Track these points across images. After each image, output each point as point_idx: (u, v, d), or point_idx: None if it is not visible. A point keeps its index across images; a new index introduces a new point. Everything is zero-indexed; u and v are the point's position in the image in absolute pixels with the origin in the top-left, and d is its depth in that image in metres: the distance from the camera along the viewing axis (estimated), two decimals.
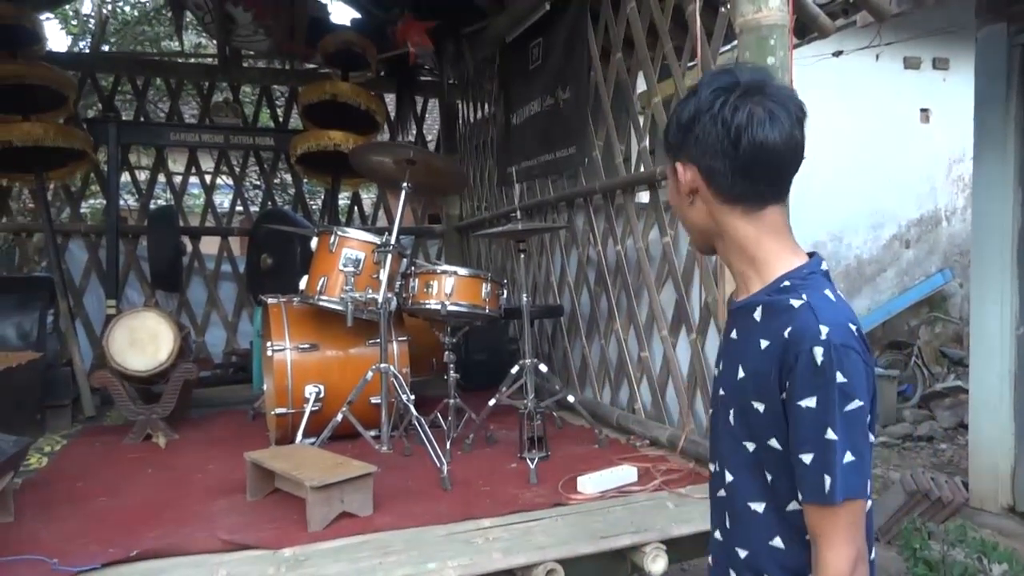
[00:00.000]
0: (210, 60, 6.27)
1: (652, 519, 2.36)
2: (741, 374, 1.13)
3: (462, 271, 3.30)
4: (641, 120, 3.57)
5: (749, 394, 1.11)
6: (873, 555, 1.13)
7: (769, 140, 1.07)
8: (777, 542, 1.12)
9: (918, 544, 3.19)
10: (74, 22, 8.10)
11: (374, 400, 3.26)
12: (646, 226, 3.46)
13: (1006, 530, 3.90)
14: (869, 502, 1.08)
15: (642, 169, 3.43)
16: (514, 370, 3.28)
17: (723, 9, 2.86)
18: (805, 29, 3.97)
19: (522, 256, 3.34)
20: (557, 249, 4.37)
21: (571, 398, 3.40)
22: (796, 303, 1.06)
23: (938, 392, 6.39)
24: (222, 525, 2.41)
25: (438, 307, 3.22)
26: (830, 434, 1.00)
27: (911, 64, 7.94)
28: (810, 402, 1.01)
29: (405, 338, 3.59)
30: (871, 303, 7.70)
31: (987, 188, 4.11)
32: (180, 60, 6.84)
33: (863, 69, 7.29)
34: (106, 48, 6.98)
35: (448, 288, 3.23)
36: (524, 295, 3.25)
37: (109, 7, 8.07)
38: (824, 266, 1.14)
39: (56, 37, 8.91)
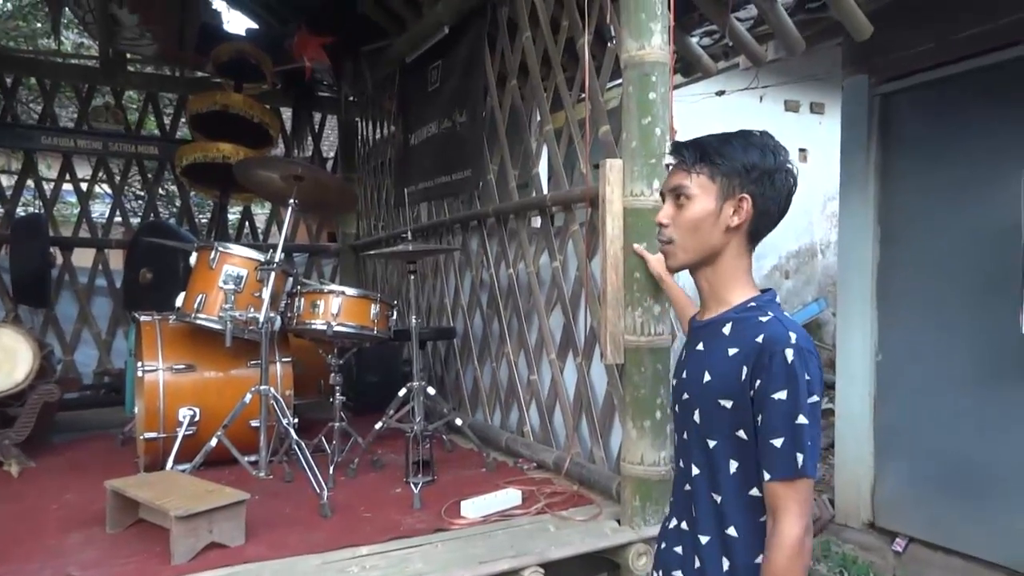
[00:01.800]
0: (91, 62, 5.92)
1: (532, 543, 2.36)
2: (708, 378, 1.33)
3: (350, 291, 3.24)
4: (534, 147, 3.64)
5: (716, 394, 1.30)
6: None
7: (793, 196, 1.37)
8: (731, 531, 1.31)
9: None
10: None
11: (254, 423, 3.13)
12: (537, 250, 3.51)
13: (866, 544, 4.17)
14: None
15: (534, 194, 3.49)
16: (402, 392, 3.24)
17: (610, 44, 2.96)
18: (690, 68, 4.20)
19: (412, 277, 3.31)
20: (451, 271, 4.36)
21: (459, 421, 3.38)
22: (764, 319, 1.28)
23: None
24: (75, 561, 2.24)
25: (324, 327, 3.14)
26: (800, 420, 1.20)
27: (791, 107, 8.50)
28: (781, 394, 1.21)
29: (289, 359, 3.48)
30: None
31: (851, 225, 4.43)
32: (58, 60, 6.42)
33: (748, 109, 7.72)
34: None
35: (335, 308, 3.15)
36: (412, 316, 3.22)
37: None
38: (778, 299, 1.38)
39: None
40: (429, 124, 4.64)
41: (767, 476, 1.23)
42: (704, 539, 1.34)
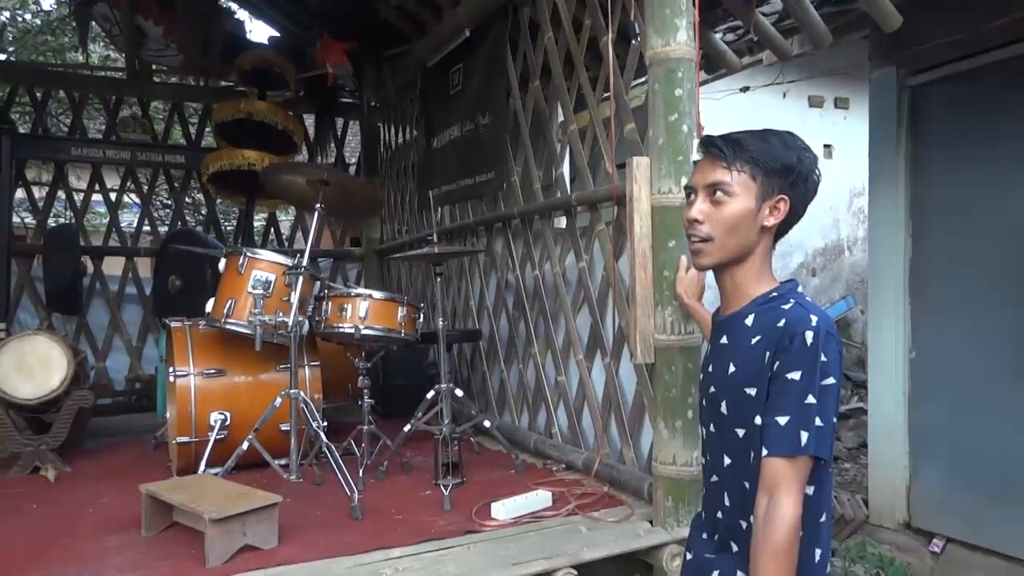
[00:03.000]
0: (118, 74, 6.02)
1: (564, 544, 2.35)
2: (732, 369, 1.34)
3: (377, 294, 3.25)
4: (558, 147, 3.62)
5: (741, 383, 1.31)
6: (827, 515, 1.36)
7: None
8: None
9: None
10: None
11: (284, 427, 3.15)
12: (563, 251, 3.50)
13: (902, 545, 4.08)
14: (832, 468, 1.32)
15: (559, 195, 3.47)
16: (430, 395, 3.24)
17: (634, 42, 2.94)
18: (714, 64, 4.16)
19: (439, 280, 3.31)
20: (476, 273, 4.36)
21: (487, 423, 3.38)
22: (786, 306, 1.30)
23: (842, 413, 6.68)
24: (112, 564, 2.26)
25: (352, 331, 3.15)
26: (809, 399, 1.21)
27: (815, 102, 8.40)
28: (795, 375, 1.22)
29: (317, 363, 3.50)
30: None
31: (881, 220, 4.35)
32: (86, 72, 6.54)
33: (772, 105, 7.65)
34: (2, 57, 6.59)
35: (363, 311, 3.16)
36: (440, 319, 3.22)
37: (7, 14, 7.66)
38: (800, 289, 1.37)
39: None
40: (452, 127, 4.65)
41: (765, 452, 1.23)
42: (744, 524, 1.35)
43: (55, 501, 3.00)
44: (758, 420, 1.28)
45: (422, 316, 3.43)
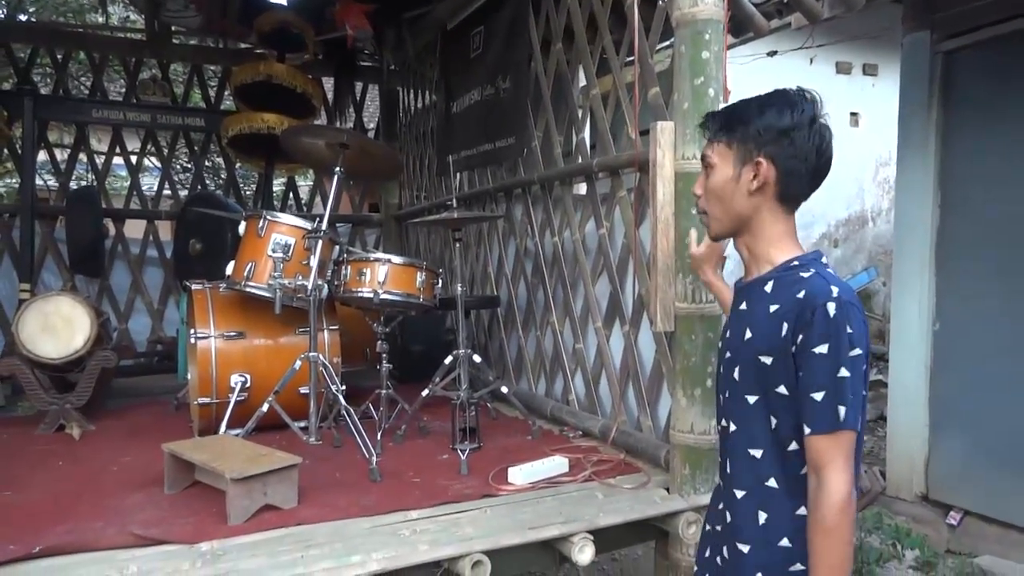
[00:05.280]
0: (138, 35, 5.99)
1: (581, 509, 2.36)
2: (749, 335, 1.33)
3: (396, 259, 3.24)
4: (580, 112, 3.57)
5: (756, 351, 1.30)
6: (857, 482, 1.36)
7: (831, 157, 1.34)
8: (772, 483, 1.31)
9: None
10: None
11: (303, 390, 3.17)
12: (583, 218, 3.46)
13: (919, 517, 4.08)
14: (864, 437, 1.30)
15: (580, 161, 3.43)
16: (448, 360, 3.24)
17: (661, 3, 2.87)
18: (741, 27, 4.03)
19: (458, 245, 3.29)
20: (495, 240, 4.34)
21: (504, 389, 3.38)
22: (806, 275, 1.27)
23: None
24: (136, 519, 2.30)
25: (371, 295, 3.15)
26: (843, 372, 1.19)
27: (843, 69, 8.19)
28: (823, 348, 1.20)
29: (336, 327, 3.51)
30: None
31: (909, 189, 4.27)
32: (105, 34, 6.51)
33: (798, 71, 7.46)
34: (23, 17, 6.58)
35: (381, 276, 3.16)
36: (459, 285, 3.21)
37: None
38: (824, 259, 1.35)
39: None
40: (472, 91, 4.59)
41: (808, 431, 1.22)
42: (740, 494, 1.35)
43: (80, 458, 3.06)
44: (781, 388, 1.26)
45: (441, 282, 3.43)
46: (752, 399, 1.32)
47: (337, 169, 3.19)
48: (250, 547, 2.08)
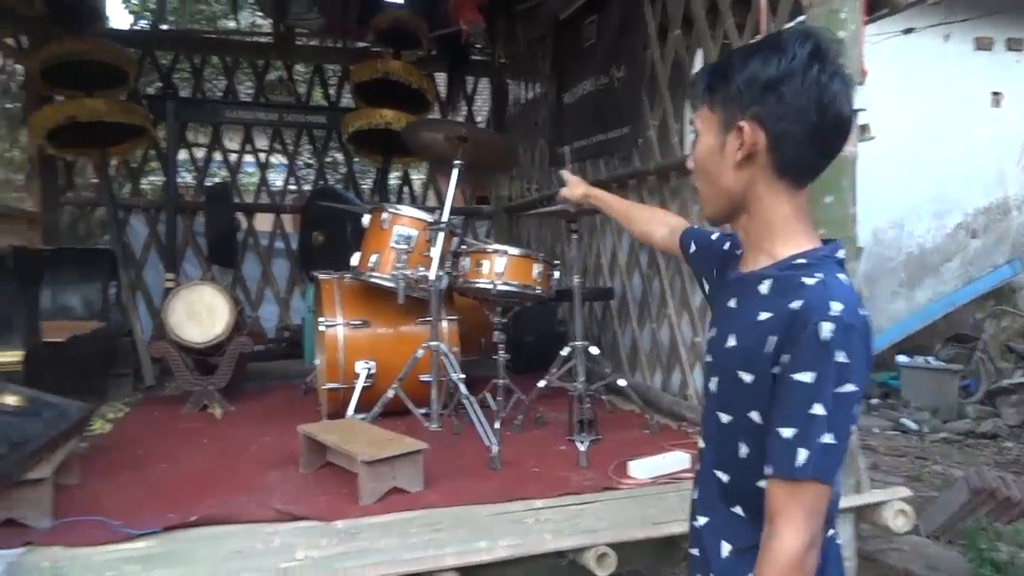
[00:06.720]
0: (265, 39, 6.33)
1: None
2: (731, 343, 1.08)
3: (514, 250, 3.28)
4: None
5: (736, 364, 1.06)
6: (839, 539, 1.15)
7: (844, 114, 1.03)
8: (737, 510, 1.10)
9: (985, 544, 3.07)
10: (135, 0, 8.28)
11: (424, 378, 3.27)
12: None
13: None
14: (836, 490, 1.05)
15: None
16: (565, 352, 3.25)
17: None
18: (876, 3, 3.81)
19: (574, 237, 3.29)
20: (608, 231, 4.30)
21: (622, 382, 3.36)
22: (809, 280, 1.01)
23: (1004, 388, 6.12)
24: (276, 496, 2.45)
25: (489, 286, 3.20)
26: (817, 409, 0.95)
27: (983, 45, 7.56)
28: (805, 376, 0.96)
29: (455, 317, 3.59)
30: (933, 294, 7.42)
31: None
32: (236, 38, 6.93)
33: (931, 50, 6.98)
34: (165, 27, 7.09)
35: (500, 267, 3.20)
36: (575, 276, 3.20)
37: None
38: (841, 254, 1.08)
39: (117, 15, 9.12)
40: (584, 81, 4.56)
41: (768, 470, 0.99)
42: (702, 520, 1.14)
43: (222, 437, 3.29)
44: (754, 415, 1.04)
45: (557, 273, 3.43)
46: (726, 418, 1.09)
47: (457, 162, 3.25)
48: (382, 527, 2.17)
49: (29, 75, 4.81)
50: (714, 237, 1.33)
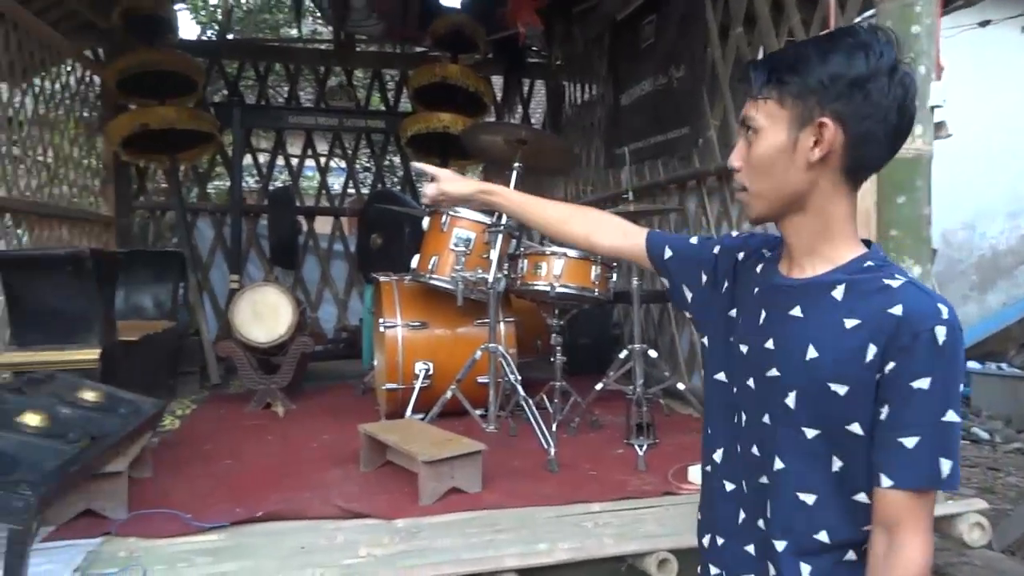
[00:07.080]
0: (325, 46, 6.48)
1: None
2: (814, 354, 1.02)
3: (572, 252, 3.26)
4: None
5: (826, 376, 1.01)
6: None
7: (915, 116, 1.02)
8: (823, 536, 1.04)
9: None
10: (203, 11, 8.58)
11: (481, 379, 3.29)
12: None
13: None
14: None
15: None
16: (622, 355, 3.22)
17: None
18: None
19: None
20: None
21: (681, 386, 3.31)
22: (893, 283, 0.98)
23: None
24: (338, 493, 2.49)
25: (547, 288, 3.20)
26: (950, 416, 0.94)
27: None
28: (924, 383, 0.94)
29: (512, 319, 3.60)
30: (1007, 298, 7.09)
31: None
32: (298, 46, 7.11)
33: (1009, 42, 6.69)
34: (231, 36, 7.33)
35: (558, 269, 3.19)
36: (634, 278, 3.17)
37: None
38: (881, 252, 1.07)
39: (186, 25, 9.47)
40: (642, 82, 4.52)
41: (888, 482, 0.96)
42: (781, 545, 1.07)
43: (285, 434, 3.37)
44: (855, 427, 0.99)
45: (615, 275, 3.41)
46: (812, 433, 1.03)
47: (516, 164, 3.26)
48: (442, 527, 2.19)
49: (106, 86, 5.03)
50: (694, 241, 1.27)
